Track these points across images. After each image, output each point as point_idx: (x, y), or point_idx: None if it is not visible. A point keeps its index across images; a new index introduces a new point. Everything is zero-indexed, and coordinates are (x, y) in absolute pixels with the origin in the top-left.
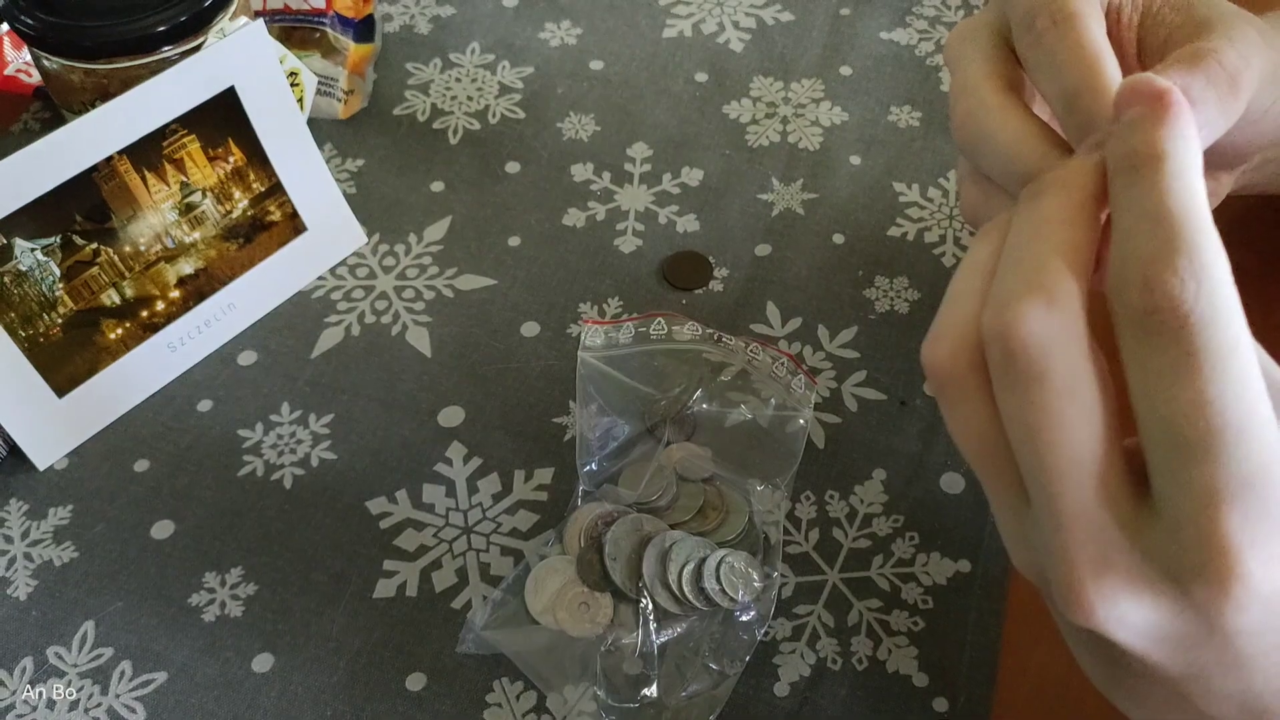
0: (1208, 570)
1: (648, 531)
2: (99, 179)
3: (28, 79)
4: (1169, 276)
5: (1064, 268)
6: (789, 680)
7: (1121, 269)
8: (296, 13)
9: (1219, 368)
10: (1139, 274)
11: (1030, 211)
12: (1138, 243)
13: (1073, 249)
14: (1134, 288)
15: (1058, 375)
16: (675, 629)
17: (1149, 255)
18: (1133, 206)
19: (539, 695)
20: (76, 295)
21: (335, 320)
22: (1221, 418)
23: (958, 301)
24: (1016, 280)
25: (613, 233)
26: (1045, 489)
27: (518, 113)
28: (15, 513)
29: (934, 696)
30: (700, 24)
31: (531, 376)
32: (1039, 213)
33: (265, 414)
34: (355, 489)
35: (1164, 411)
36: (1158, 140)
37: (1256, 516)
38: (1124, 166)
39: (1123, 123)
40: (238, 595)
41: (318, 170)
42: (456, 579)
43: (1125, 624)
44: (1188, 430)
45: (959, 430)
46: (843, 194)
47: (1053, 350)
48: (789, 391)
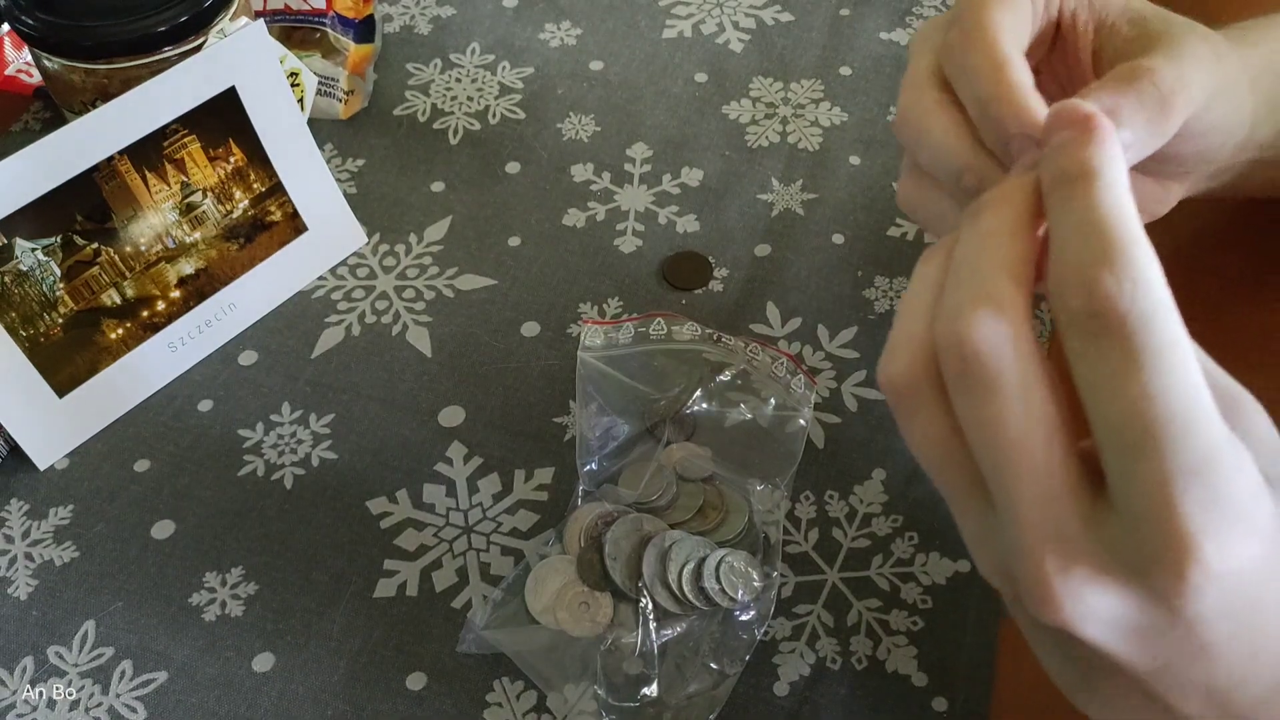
0: (1165, 558)
1: (648, 531)
2: (99, 179)
3: (28, 79)
4: (1106, 279)
5: (1008, 278)
6: (789, 680)
7: (1061, 275)
8: (297, 13)
9: (1160, 363)
10: (1078, 279)
11: (973, 229)
12: (1075, 251)
13: (1015, 261)
14: (1075, 292)
15: (1010, 378)
16: (675, 628)
17: (1086, 261)
18: (1068, 219)
19: (539, 695)
20: (77, 295)
21: (335, 320)
22: (1167, 410)
23: (909, 319)
24: (966, 292)
25: (613, 233)
26: (1008, 489)
27: (518, 113)
28: (16, 513)
29: (933, 696)
30: (700, 24)
31: (531, 376)
32: (981, 229)
33: (266, 414)
34: (355, 489)
35: (1112, 408)
36: (1087, 159)
37: (1208, 503)
38: (1058, 184)
39: (1054, 145)
40: (238, 595)
41: (318, 170)
42: (457, 579)
43: (1092, 618)
44: (1136, 424)
45: (919, 441)
46: (842, 194)
47: (1004, 355)
48: (789, 391)
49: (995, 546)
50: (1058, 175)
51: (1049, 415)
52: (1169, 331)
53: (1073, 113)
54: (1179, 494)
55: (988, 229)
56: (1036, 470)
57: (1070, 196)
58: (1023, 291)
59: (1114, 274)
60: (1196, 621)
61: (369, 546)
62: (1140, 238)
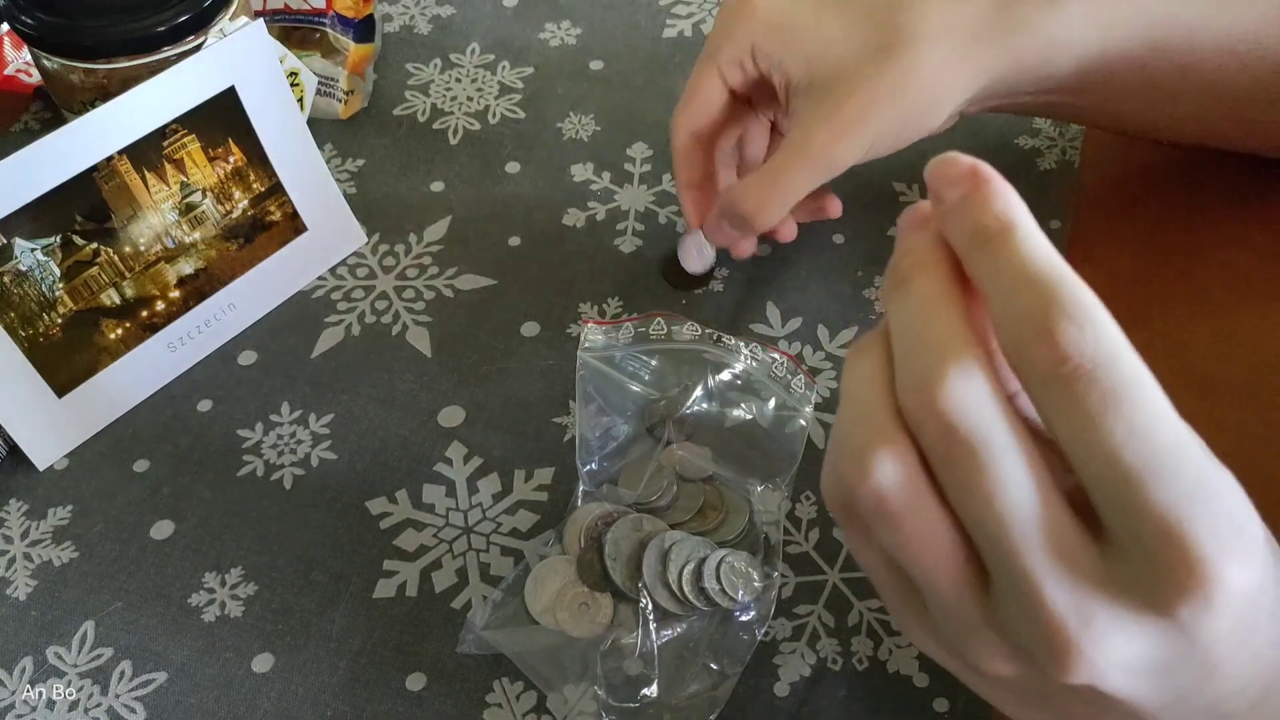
0: (1188, 586)
1: (648, 531)
2: (99, 179)
3: (28, 79)
4: (1066, 326)
5: (963, 337)
6: (789, 680)
7: (1017, 332)
8: (296, 13)
9: (1137, 398)
10: (1036, 331)
11: (905, 299)
12: (1023, 305)
13: (961, 319)
14: (1036, 345)
15: (996, 437)
16: (675, 629)
17: (1039, 313)
18: (1004, 275)
19: (539, 695)
20: (76, 295)
21: (335, 320)
22: (1155, 443)
23: (861, 420)
24: (926, 361)
25: (613, 233)
26: (1013, 558)
27: (518, 113)
28: (15, 513)
29: (934, 697)
30: (700, 24)
31: (531, 376)
32: (916, 297)
33: (265, 414)
34: (355, 489)
35: (1102, 450)
36: (1000, 214)
37: (1214, 524)
38: (979, 242)
39: (953, 205)
40: (238, 595)
41: (318, 170)
42: (456, 579)
43: (1116, 668)
44: (1131, 460)
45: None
46: (842, 194)
47: (984, 414)
48: (789, 391)
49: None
50: (975, 234)
51: (1039, 472)
52: (1134, 365)
53: (956, 168)
54: (1188, 521)
55: (923, 295)
56: (1036, 532)
57: (996, 253)
58: (980, 348)
59: (1071, 320)
60: (1212, 644)
61: (368, 547)
62: (1078, 280)
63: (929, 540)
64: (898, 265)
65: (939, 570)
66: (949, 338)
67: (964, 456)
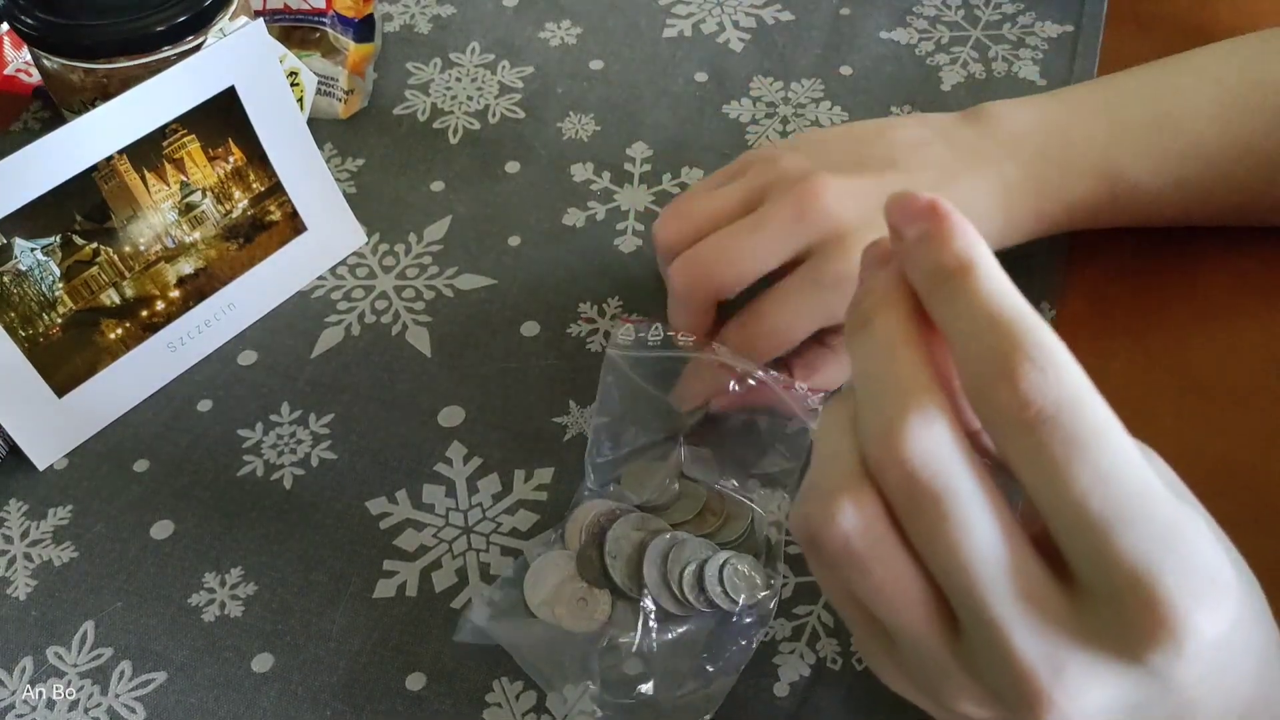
0: (1159, 634)
1: (649, 531)
2: (99, 179)
3: (28, 79)
4: (1029, 369)
5: (923, 382)
6: (789, 680)
7: (979, 374)
8: (296, 12)
9: (1104, 442)
10: (998, 374)
11: (866, 340)
12: (985, 347)
13: (922, 362)
14: (998, 389)
15: (960, 486)
16: (674, 629)
17: (1001, 356)
18: (964, 316)
19: (539, 695)
20: (76, 295)
21: (335, 320)
22: (1124, 486)
23: (829, 466)
24: (887, 408)
25: (613, 233)
26: (981, 606)
27: (518, 113)
28: (15, 513)
29: None
30: (700, 24)
31: (531, 376)
32: (877, 339)
33: (265, 414)
34: (355, 489)
35: (1070, 496)
36: (960, 252)
37: (1184, 571)
38: (939, 282)
39: (912, 243)
40: (237, 595)
41: (318, 170)
42: (456, 579)
43: (1090, 714)
44: (1098, 507)
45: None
46: None
47: (946, 462)
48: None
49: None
50: (935, 273)
51: (1004, 518)
52: (1098, 409)
53: (914, 203)
54: (1158, 570)
55: (885, 336)
56: (1004, 579)
57: (955, 294)
58: (941, 392)
59: (1034, 363)
60: (1187, 687)
61: (368, 547)
62: (1040, 320)
63: (897, 586)
64: (859, 305)
65: (907, 615)
66: (910, 383)
67: (928, 505)
